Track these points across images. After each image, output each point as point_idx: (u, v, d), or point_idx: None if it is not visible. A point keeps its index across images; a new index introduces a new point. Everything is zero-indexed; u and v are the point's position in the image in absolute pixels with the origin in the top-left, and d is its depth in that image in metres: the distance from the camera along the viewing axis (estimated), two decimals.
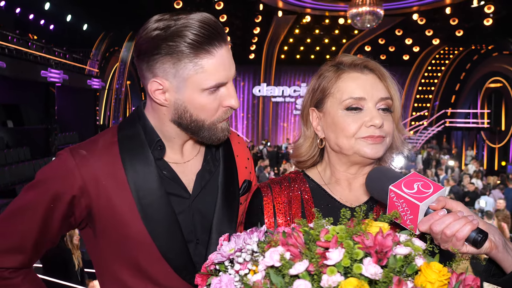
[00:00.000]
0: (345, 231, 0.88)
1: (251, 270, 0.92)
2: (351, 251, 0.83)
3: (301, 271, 0.83)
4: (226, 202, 1.38)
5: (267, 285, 0.86)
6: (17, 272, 1.27)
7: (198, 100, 1.23)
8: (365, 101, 1.25)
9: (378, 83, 1.28)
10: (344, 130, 1.25)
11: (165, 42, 1.17)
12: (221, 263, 1.00)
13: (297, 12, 20.50)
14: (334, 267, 0.82)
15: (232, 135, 1.50)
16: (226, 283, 0.92)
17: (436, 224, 1.00)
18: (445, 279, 0.84)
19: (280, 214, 1.31)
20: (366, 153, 1.24)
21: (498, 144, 18.95)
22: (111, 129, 1.37)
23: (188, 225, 1.33)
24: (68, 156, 1.26)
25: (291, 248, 0.87)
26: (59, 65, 14.92)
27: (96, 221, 1.28)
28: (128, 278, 1.29)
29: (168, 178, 1.32)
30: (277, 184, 1.36)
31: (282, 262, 0.85)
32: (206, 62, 1.19)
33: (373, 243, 0.84)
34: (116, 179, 1.26)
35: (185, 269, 1.29)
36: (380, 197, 1.13)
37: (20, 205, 1.26)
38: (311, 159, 1.39)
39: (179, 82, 1.21)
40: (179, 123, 1.28)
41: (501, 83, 18.86)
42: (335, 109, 1.27)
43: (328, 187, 1.34)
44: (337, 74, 1.30)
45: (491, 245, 1.03)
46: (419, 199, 1.03)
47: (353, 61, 1.31)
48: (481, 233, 0.98)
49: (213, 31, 1.19)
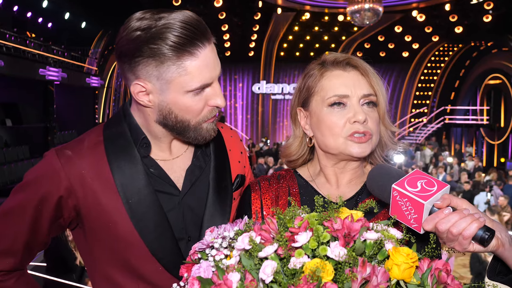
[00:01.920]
0: (317, 217, 0.89)
1: (227, 256, 0.95)
2: (319, 234, 0.85)
3: (270, 253, 0.85)
4: (218, 198, 1.37)
5: (240, 269, 0.87)
6: (10, 275, 1.26)
7: (182, 101, 1.21)
8: (348, 98, 1.26)
9: (361, 79, 1.28)
10: (329, 128, 1.26)
11: (147, 45, 1.15)
12: (203, 251, 1.03)
13: (296, 9, 20.44)
14: (302, 250, 0.83)
15: (225, 129, 1.49)
16: (204, 269, 0.95)
17: (441, 223, 0.98)
18: (412, 262, 0.84)
19: (267, 209, 1.32)
20: (352, 152, 1.25)
21: (497, 141, 18.96)
22: (97, 128, 1.35)
23: (178, 223, 1.32)
24: (54, 157, 1.26)
25: (262, 233, 0.90)
26: (57, 63, 14.89)
27: (85, 222, 1.27)
28: (119, 277, 1.28)
29: (156, 175, 1.31)
30: (266, 180, 1.38)
31: (251, 244, 0.87)
32: (189, 64, 1.17)
33: (341, 226, 0.86)
34: (102, 179, 1.25)
35: (176, 267, 1.26)
36: (382, 196, 1.11)
37: (9, 207, 1.26)
38: (301, 158, 1.41)
39: (163, 84, 1.19)
40: (165, 124, 1.26)
41: (500, 80, 18.84)
42: (320, 107, 1.29)
43: (316, 184, 1.36)
44: (320, 72, 1.31)
45: (498, 243, 1.01)
46: (424, 198, 1.00)
47: (336, 58, 1.32)
48: (488, 231, 0.97)
49: (195, 31, 1.17)
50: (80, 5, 16.24)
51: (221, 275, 0.88)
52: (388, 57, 22.56)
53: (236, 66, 23.37)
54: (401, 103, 23.53)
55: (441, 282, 0.86)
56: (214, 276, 0.89)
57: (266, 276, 0.82)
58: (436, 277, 0.86)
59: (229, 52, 21.33)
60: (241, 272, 0.86)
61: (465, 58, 21.71)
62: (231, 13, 19.42)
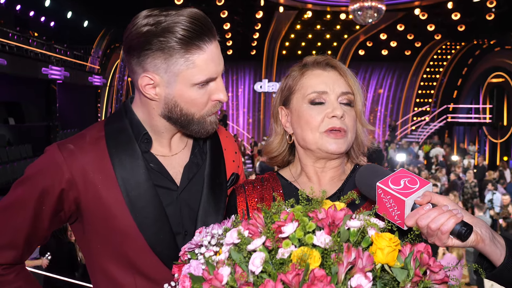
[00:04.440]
0: (302, 210, 0.93)
1: (216, 253, 0.98)
2: (305, 224, 0.88)
3: (258, 245, 0.87)
4: (212, 193, 1.40)
5: (230, 264, 0.89)
6: (10, 269, 1.28)
7: (188, 94, 1.25)
8: (327, 94, 1.33)
9: (340, 78, 1.35)
10: (308, 122, 1.32)
11: (156, 38, 1.19)
12: (192, 251, 1.06)
13: (298, 8, 20.42)
14: (289, 240, 0.86)
15: (220, 130, 1.54)
16: (194, 267, 0.98)
17: (421, 219, 1.02)
18: (394, 245, 0.88)
19: (253, 210, 1.36)
20: (328, 148, 1.31)
21: (500, 139, 18.91)
22: (98, 123, 1.39)
23: (176, 217, 1.34)
24: (56, 151, 1.28)
25: (250, 227, 0.92)
26: (60, 62, 14.95)
27: (84, 215, 1.30)
28: (116, 271, 1.31)
29: (156, 170, 1.34)
30: (251, 183, 1.43)
31: (240, 237, 0.90)
32: (197, 57, 1.22)
33: (325, 215, 0.90)
34: (103, 173, 1.28)
35: (173, 260, 1.30)
36: (369, 194, 1.17)
37: (11, 201, 1.28)
38: (281, 154, 1.47)
39: (170, 77, 1.23)
40: (169, 117, 1.30)
41: (503, 78, 18.79)
42: (300, 104, 1.35)
43: (298, 183, 1.41)
44: (301, 72, 1.39)
45: (477, 238, 1.04)
46: (405, 195, 1.05)
47: (316, 59, 1.40)
48: (466, 226, 1.00)
49: (203, 26, 1.21)
50: (82, 3, 16.28)
51: (211, 271, 0.90)
52: (390, 56, 22.54)
53: (238, 65, 23.39)
54: (404, 102, 23.50)
55: (423, 264, 0.89)
56: (204, 272, 0.91)
57: (256, 268, 0.84)
58: (419, 259, 0.89)
59: (231, 51, 21.34)
60: (231, 266, 0.88)
61: (468, 56, 21.65)
62: (233, 12, 19.42)
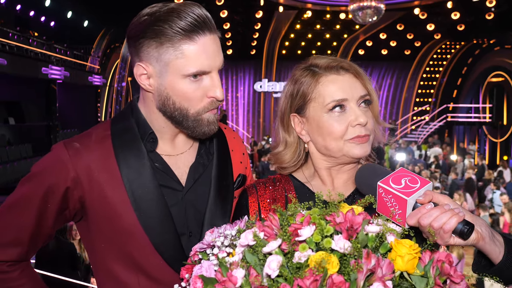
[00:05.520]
0: (319, 212, 0.91)
1: (229, 254, 0.96)
2: (322, 228, 0.86)
3: (274, 248, 0.86)
4: (219, 195, 1.39)
5: (243, 266, 0.88)
6: (15, 266, 1.28)
7: (179, 86, 1.24)
8: (347, 101, 1.28)
9: (355, 81, 1.30)
10: (331, 133, 1.27)
11: (151, 27, 1.21)
12: (204, 251, 1.04)
13: (298, 8, 20.41)
14: (306, 244, 0.85)
15: (228, 130, 1.52)
16: (206, 268, 0.96)
17: (423, 218, 1.02)
18: (415, 252, 0.86)
19: (265, 211, 1.34)
20: (355, 154, 1.28)
21: (500, 139, 18.90)
22: (105, 122, 1.38)
23: (181, 218, 1.34)
24: (62, 149, 1.28)
25: (266, 229, 0.91)
26: (60, 62, 14.94)
27: (89, 214, 1.29)
28: (121, 271, 1.30)
29: (161, 170, 1.33)
30: (262, 184, 1.39)
31: (255, 239, 0.88)
32: (187, 48, 1.21)
33: (344, 219, 0.88)
34: (109, 172, 1.28)
35: (177, 261, 1.29)
36: (368, 193, 1.15)
37: (16, 198, 1.28)
38: (297, 163, 1.40)
39: (162, 66, 1.23)
40: (164, 111, 1.29)
41: (503, 78, 18.78)
42: (319, 114, 1.29)
43: (312, 185, 1.37)
44: (315, 78, 1.31)
45: (478, 236, 1.05)
46: (407, 194, 1.05)
47: (329, 63, 1.32)
48: (468, 224, 1.01)
49: (197, 18, 1.21)
50: (82, 3, 16.27)
51: (224, 272, 0.88)
52: (390, 55, 22.52)
53: (238, 64, 23.36)
54: (403, 101, 23.48)
55: (444, 274, 0.88)
56: (217, 274, 0.89)
57: (272, 271, 0.82)
58: (439, 268, 0.88)
59: (231, 51, 21.33)
60: (245, 268, 0.87)
61: (468, 55, 21.62)
62: (233, 12, 19.41)
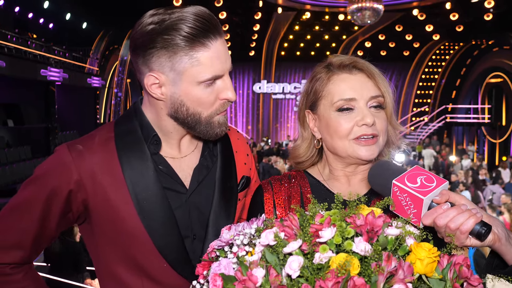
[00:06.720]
0: (338, 214, 0.90)
1: (248, 253, 0.95)
2: (342, 229, 0.86)
3: (295, 248, 0.85)
4: (224, 197, 1.38)
5: (263, 265, 0.88)
6: (18, 268, 1.27)
7: (194, 93, 1.23)
8: (355, 101, 1.27)
9: (368, 81, 1.29)
10: (337, 131, 1.27)
11: (161, 36, 1.18)
12: (221, 249, 1.03)
13: (296, 9, 20.44)
14: (326, 245, 0.84)
15: (232, 131, 1.51)
16: (224, 266, 0.95)
17: (440, 218, 1.00)
18: (434, 256, 0.86)
19: (280, 208, 1.34)
20: (360, 155, 1.26)
21: (499, 139, 18.92)
22: (108, 124, 1.37)
23: (184, 221, 1.33)
24: (65, 151, 1.27)
25: (286, 229, 0.90)
26: (58, 64, 14.92)
27: (93, 216, 1.28)
28: (124, 273, 1.29)
29: (164, 172, 1.32)
30: (278, 180, 1.39)
31: (276, 240, 0.88)
32: (201, 55, 1.20)
33: (364, 222, 0.87)
34: (112, 174, 1.27)
35: (181, 264, 1.29)
36: (383, 192, 1.14)
37: (19, 201, 1.27)
38: (310, 159, 1.42)
39: (175, 75, 1.21)
40: (176, 117, 1.28)
41: (501, 78, 18.81)
42: (328, 112, 1.30)
43: (327, 183, 1.37)
44: (327, 76, 1.32)
45: (495, 237, 1.03)
46: (423, 193, 1.02)
47: (342, 62, 1.32)
48: (485, 226, 0.99)
49: (208, 23, 1.20)
50: (81, 5, 16.27)
51: (244, 271, 0.88)
52: (389, 56, 22.54)
53: (237, 66, 23.37)
54: (402, 102, 23.51)
55: (462, 277, 0.87)
56: (237, 273, 0.89)
57: (293, 271, 0.82)
58: (457, 271, 0.87)
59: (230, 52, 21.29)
60: (264, 268, 0.87)
61: (466, 56, 21.68)
62: (231, 13, 19.42)
